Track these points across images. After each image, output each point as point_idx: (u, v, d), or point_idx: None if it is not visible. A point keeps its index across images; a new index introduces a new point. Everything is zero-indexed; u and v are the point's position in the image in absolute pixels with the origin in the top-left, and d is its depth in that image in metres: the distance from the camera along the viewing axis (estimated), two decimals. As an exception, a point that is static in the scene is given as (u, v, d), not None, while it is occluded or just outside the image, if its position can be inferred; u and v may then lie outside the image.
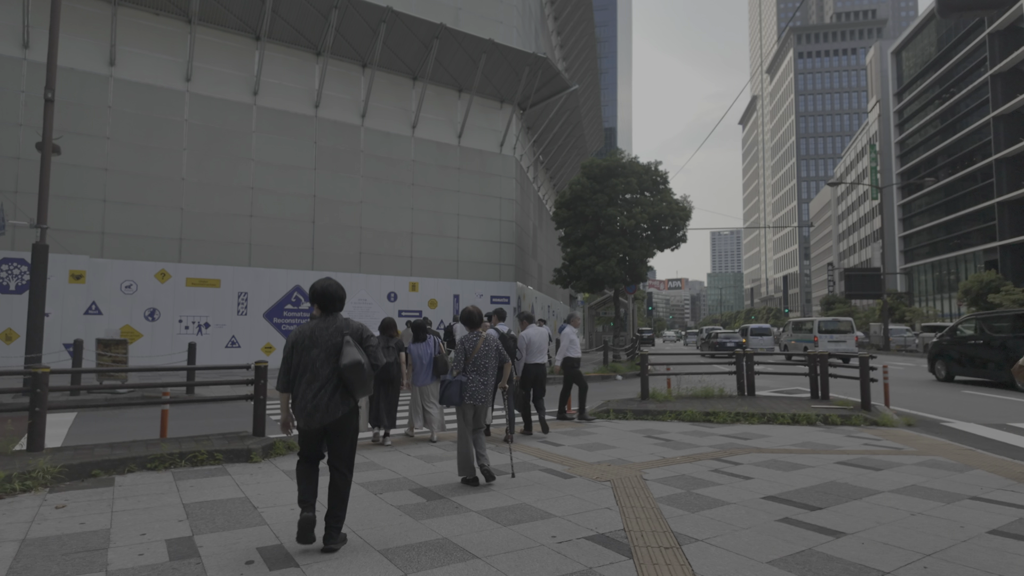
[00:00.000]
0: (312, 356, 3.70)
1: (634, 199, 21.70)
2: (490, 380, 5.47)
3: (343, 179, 20.74)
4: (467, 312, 5.69)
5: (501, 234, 23.85)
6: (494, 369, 5.55)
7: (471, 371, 5.42)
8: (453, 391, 5.32)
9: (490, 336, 5.59)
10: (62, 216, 16.55)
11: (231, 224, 18.87)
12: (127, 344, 12.90)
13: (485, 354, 5.48)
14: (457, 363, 5.48)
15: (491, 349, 5.53)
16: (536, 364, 8.29)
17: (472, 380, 5.39)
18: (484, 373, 5.44)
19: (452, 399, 5.31)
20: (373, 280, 20.85)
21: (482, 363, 5.45)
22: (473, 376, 5.40)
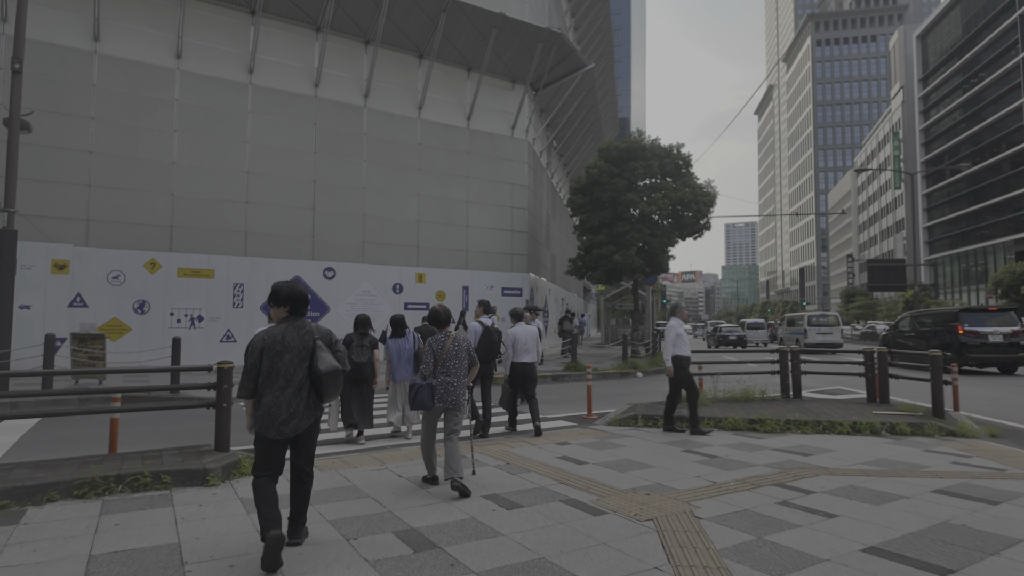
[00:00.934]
0: (285, 362, 3.57)
1: (654, 184, 20.30)
2: (461, 381, 5.25)
3: (345, 163, 19.55)
4: (434, 311, 5.44)
5: (513, 222, 22.56)
6: (464, 370, 5.30)
7: (440, 373, 5.20)
8: (424, 396, 5.13)
9: (459, 336, 5.38)
10: (43, 202, 15.49)
11: (226, 211, 17.75)
12: (104, 339, 11.81)
13: (455, 354, 5.26)
14: (426, 365, 5.23)
15: (460, 349, 5.31)
16: (524, 363, 7.89)
17: (442, 382, 5.17)
18: (454, 374, 5.21)
19: (424, 403, 5.11)
20: (377, 271, 19.68)
21: (451, 364, 5.23)
22: (442, 378, 5.18)
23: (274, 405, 3.52)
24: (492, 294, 21.48)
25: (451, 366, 5.23)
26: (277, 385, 3.55)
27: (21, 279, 15.01)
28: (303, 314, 3.76)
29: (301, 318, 3.74)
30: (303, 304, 3.73)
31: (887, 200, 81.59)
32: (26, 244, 15.09)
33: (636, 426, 8.29)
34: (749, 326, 34.56)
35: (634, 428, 8.18)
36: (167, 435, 8.23)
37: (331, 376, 3.55)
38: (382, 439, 7.82)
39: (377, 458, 6.40)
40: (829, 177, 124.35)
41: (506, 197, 22.46)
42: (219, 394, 5.99)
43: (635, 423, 8.35)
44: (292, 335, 3.63)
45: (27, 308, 15.09)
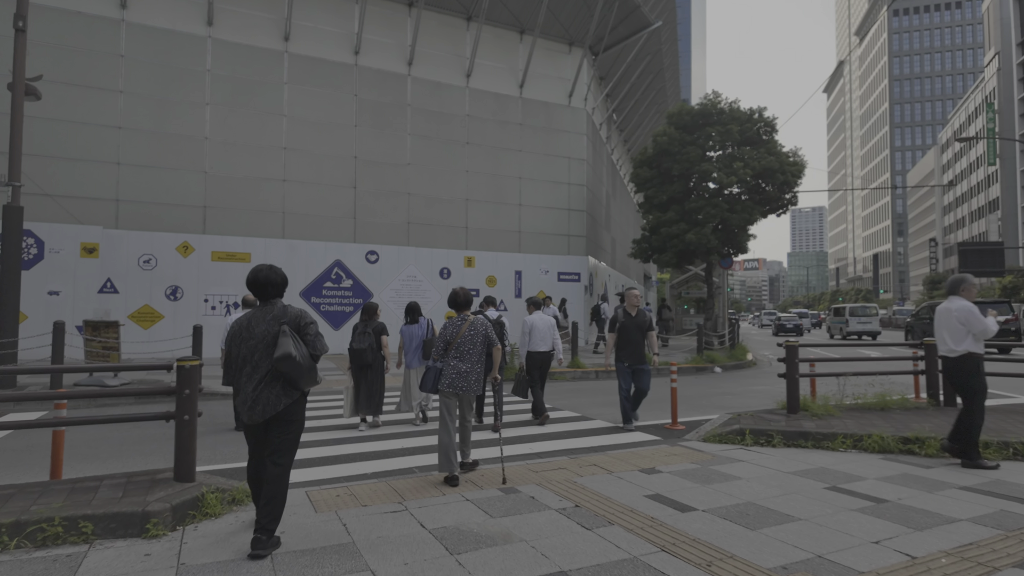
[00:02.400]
0: (250, 348, 3.50)
1: (732, 153, 17.88)
2: (474, 368, 4.99)
3: (388, 137, 18.01)
4: (453, 294, 5.21)
5: (570, 200, 20.56)
6: (480, 356, 5.03)
7: (452, 357, 4.99)
8: (428, 377, 4.97)
9: (478, 321, 5.09)
10: (71, 182, 14.60)
11: (262, 190, 16.52)
12: (119, 327, 10.62)
13: (469, 339, 5.01)
14: (437, 348, 5.05)
15: (477, 335, 5.04)
16: (540, 352, 7.92)
17: (451, 367, 4.95)
18: (466, 360, 4.98)
19: (426, 385, 4.97)
20: (423, 254, 18.12)
21: (465, 349, 4.99)
22: (454, 363, 4.96)
23: (243, 391, 3.50)
24: (547, 280, 19.62)
25: (465, 351, 4.97)
26: (245, 372, 3.51)
27: (50, 263, 14.19)
28: (269, 298, 3.61)
29: (273, 303, 3.61)
30: (265, 289, 3.59)
31: (978, 178, 74.77)
32: (54, 227, 14.25)
33: (743, 444, 6.27)
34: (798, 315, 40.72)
35: (741, 447, 6.17)
36: (158, 441, 6.78)
37: (282, 362, 3.37)
38: (396, 424, 6.98)
39: (397, 490, 4.68)
40: (907, 157, 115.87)
41: (562, 173, 20.46)
42: (180, 402, 4.39)
43: (741, 440, 6.34)
44: (258, 321, 3.55)
45: (56, 294, 14.26)
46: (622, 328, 7.36)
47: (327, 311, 16.88)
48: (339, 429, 7.49)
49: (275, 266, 3.68)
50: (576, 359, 14.18)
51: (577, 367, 13.96)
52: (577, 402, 9.75)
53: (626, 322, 7.37)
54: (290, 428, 3.54)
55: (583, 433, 7.21)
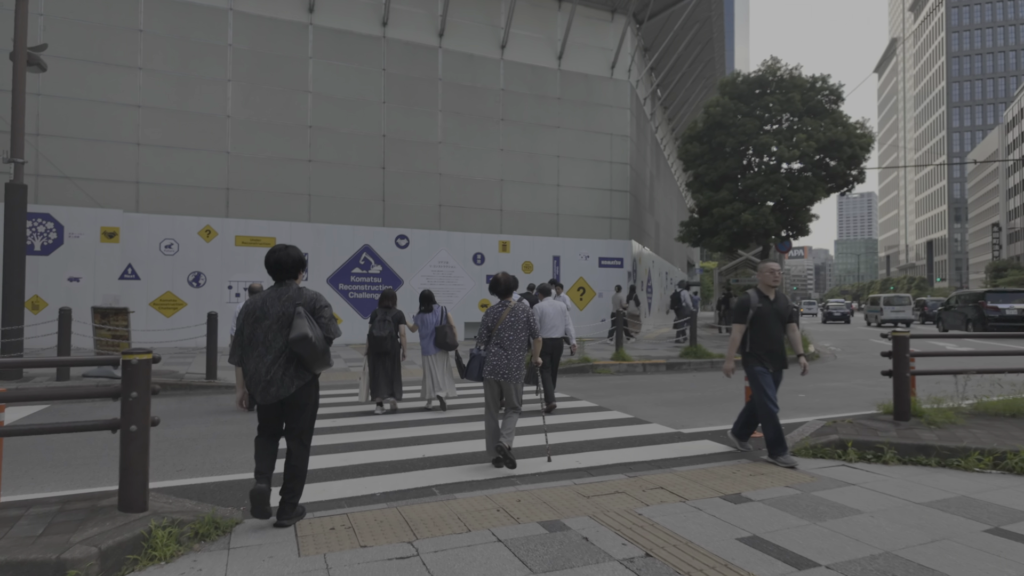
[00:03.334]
0: (264, 328, 3.49)
1: (794, 125, 16.27)
2: (516, 355, 4.92)
3: (418, 114, 16.98)
4: (494, 279, 5.13)
5: (612, 180, 19.21)
6: (522, 343, 4.96)
7: (494, 344, 4.94)
8: (473, 366, 4.98)
9: (519, 307, 5.02)
10: (90, 163, 14.02)
11: (287, 171, 15.71)
12: (128, 314, 9.89)
13: (511, 326, 4.93)
14: (480, 336, 5.06)
15: (518, 321, 4.96)
16: (550, 338, 7.61)
17: (494, 354, 4.92)
18: (508, 346, 4.91)
19: (472, 374, 4.98)
20: (456, 239, 17.08)
21: (506, 336, 4.92)
22: (496, 350, 4.92)
23: (255, 371, 3.50)
24: (587, 265, 18.38)
25: (506, 338, 4.95)
26: (257, 352, 3.50)
27: (70, 248, 13.65)
28: (285, 279, 3.59)
29: (288, 285, 3.58)
30: (280, 271, 3.57)
31: (1048, 158, 69.85)
32: (74, 210, 13.70)
33: (846, 459, 5.01)
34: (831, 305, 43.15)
35: (844, 464, 4.91)
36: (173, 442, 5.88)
37: (298, 343, 3.35)
38: (412, 412, 6.30)
39: (408, 521, 3.62)
40: (965, 138, 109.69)
41: (604, 150, 19.12)
42: (125, 409, 3.39)
43: (842, 454, 5.08)
44: (273, 301, 3.53)
45: (76, 280, 13.72)
46: (759, 317, 5.06)
47: (355, 298, 16.03)
48: (354, 431, 6.50)
49: (291, 246, 3.64)
50: (621, 351, 12.96)
51: (622, 359, 12.75)
52: (626, 401, 8.57)
53: (764, 309, 5.07)
54: (305, 411, 3.59)
55: (638, 440, 6.04)
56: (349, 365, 12.14)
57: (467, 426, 6.75)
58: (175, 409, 8.05)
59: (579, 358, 12.71)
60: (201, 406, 8.32)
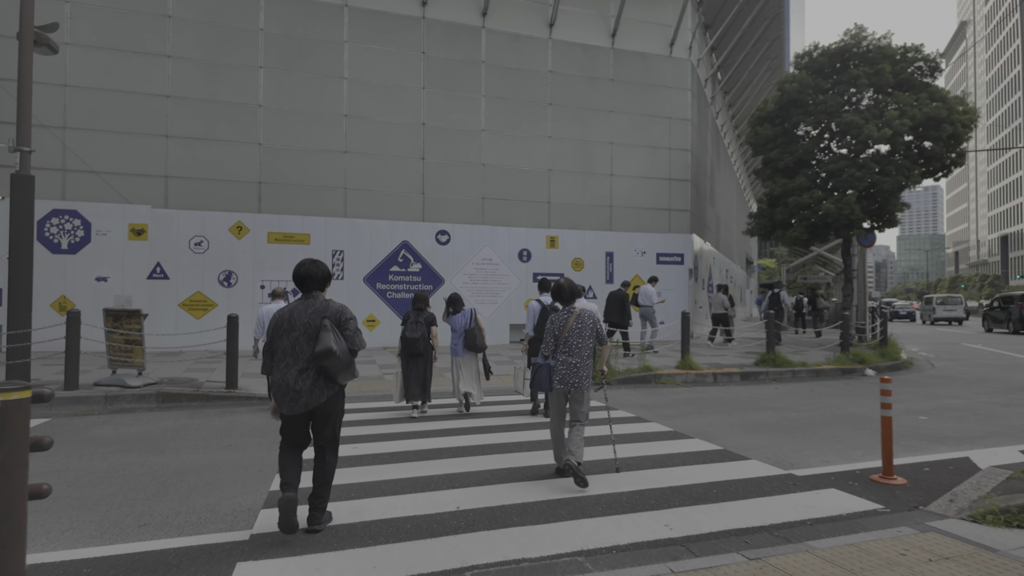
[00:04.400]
0: (292, 339, 3.56)
1: (883, 100, 14.32)
2: (584, 362, 4.72)
3: (459, 100, 15.78)
4: (557, 286, 4.98)
5: (671, 168, 17.58)
6: (590, 350, 4.77)
7: (562, 352, 4.75)
8: (542, 376, 4.77)
9: (584, 313, 4.80)
10: (117, 156, 13.35)
11: (321, 163, 14.76)
12: (141, 317, 8.97)
13: (578, 333, 4.75)
14: (546, 344, 4.83)
15: (585, 328, 4.76)
16: None
17: (562, 363, 4.73)
18: (576, 354, 4.72)
19: (542, 385, 4.77)
20: (500, 234, 15.81)
21: (574, 343, 4.73)
22: (563, 358, 4.73)
23: (282, 381, 3.54)
24: (643, 262, 16.83)
25: (574, 345, 4.73)
26: (285, 363, 3.55)
27: (97, 247, 13.02)
28: (311, 291, 3.68)
29: (315, 297, 3.67)
30: (307, 283, 3.68)
31: None
32: (101, 206, 13.05)
33: (1065, 536, 3.45)
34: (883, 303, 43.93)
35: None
36: (217, 471, 4.80)
37: (322, 356, 3.43)
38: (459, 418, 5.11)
39: None
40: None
41: (662, 136, 17.51)
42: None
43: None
44: (300, 313, 3.59)
45: (104, 280, 13.09)
46: None
47: (393, 299, 14.95)
48: (391, 438, 5.28)
49: (318, 260, 3.77)
50: (687, 358, 11.44)
51: (689, 368, 11.22)
52: (706, 424, 7.09)
53: None
54: (331, 421, 3.66)
55: (740, 488, 4.59)
56: (384, 372, 11.01)
57: (502, 436, 5.45)
58: (181, 427, 7.02)
59: (640, 366, 11.25)
60: (211, 422, 7.28)
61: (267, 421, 7.33)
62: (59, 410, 8.13)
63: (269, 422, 7.28)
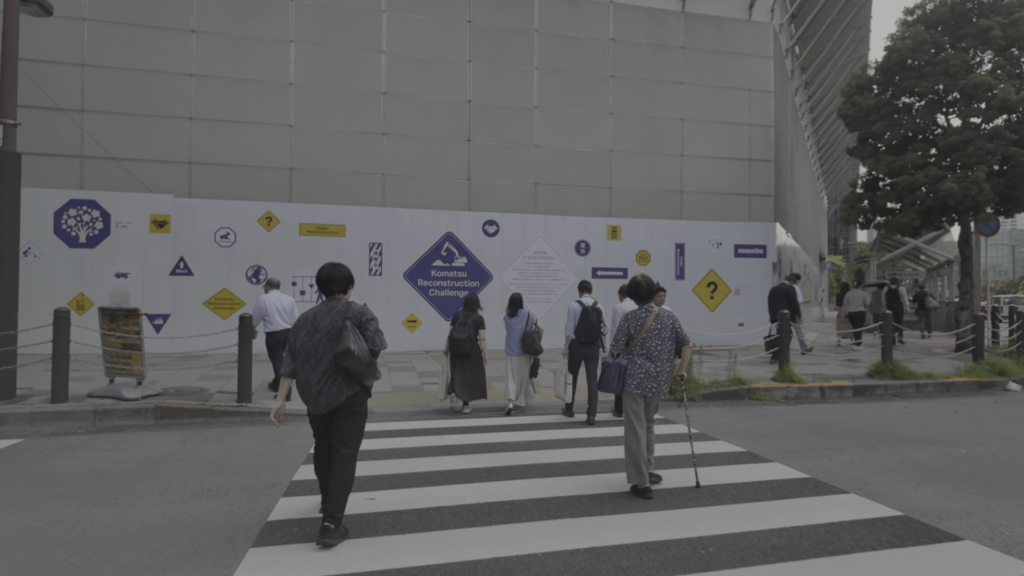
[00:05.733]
0: (315, 341, 3.60)
1: (1018, 57, 11.88)
2: (664, 367, 4.40)
3: (509, 74, 14.11)
4: (634, 283, 4.61)
5: (751, 148, 15.43)
6: (669, 353, 4.46)
7: (638, 354, 4.43)
8: (611, 376, 4.42)
9: (663, 313, 4.50)
10: (138, 141, 12.27)
11: (357, 146, 13.36)
12: (139, 316, 7.66)
13: (657, 334, 4.42)
14: (616, 343, 4.52)
15: (665, 328, 4.46)
16: None
17: (637, 365, 4.40)
18: (655, 358, 4.40)
19: (610, 385, 4.43)
20: (554, 224, 14.05)
21: (652, 345, 4.40)
22: (640, 360, 4.41)
23: (306, 382, 3.60)
24: (720, 255, 14.77)
25: (652, 347, 4.41)
26: (308, 364, 3.60)
27: (117, 240, 11.95)
28: (334, 294, 3.73)
29: (337, 299, 3.71)
30: (328, 286, 3.73)
31: None
32: (121, 196, 11.98)
33: None
34: None
35: None
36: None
37: (341, 356, 3.47)
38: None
39: None
40: None
41: (741, 110, 15.39)
42: None
43: None
44: (323, 315, 3.64)
45: (124, 276, 12.02)
46: None
47: (436, 296, 13.41)
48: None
49: (340, 264, 3.79)
50: (787, 369, 9.43)
51: (790, 381, 9.22)
52: (849, 466, 5.16)
53: None
54: (354, 419, 3.65)
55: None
56: (424, 381, 9.42)
57: (555, 454, 3.72)
58: (166, 455, 5.60)
59: (729, 378, 9.32)
60: (205, 448, 5.83)
61: (272, 448, 5.83)
62: (40, 427, 6.88)
63: (273, 450, 5.78)
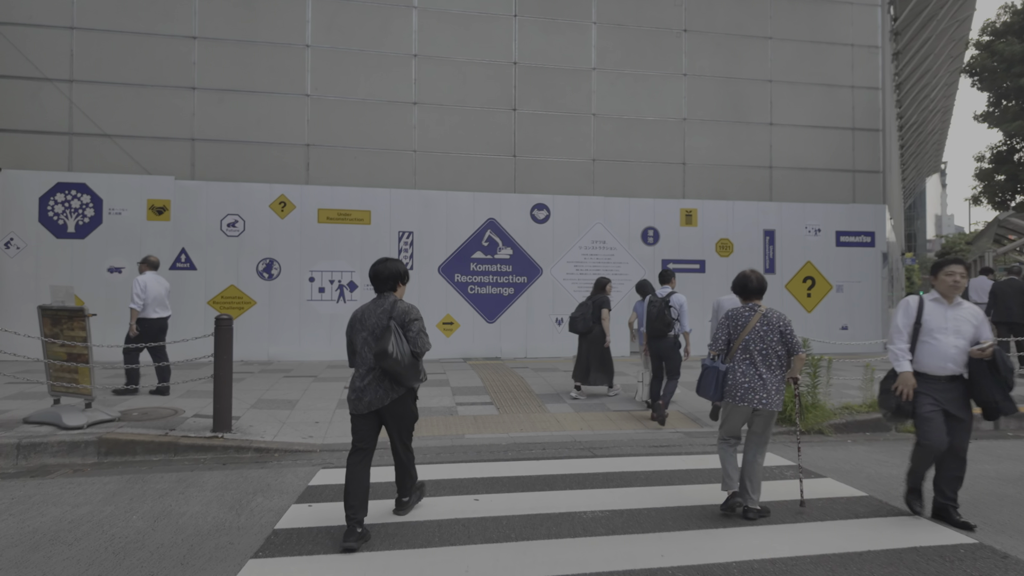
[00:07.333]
0: (362, 339, 3.59)
1: None
2: (773, 375, 3.89)
3: (562, 30, 11.96)
4: (743, 278, 4.11)
5: (855, 115, 12.82)
6: (780, 359, 3.92)
7: (741, 359, 3.93)
8: (708, 381, 3.98)
9: (772, 314, 3.97)
10: (134, 116, 10.66)
11: (385, 118, 11.46)
12: (85, 317, 5.84)
13: (762, 337, 3.92)
14: (715, 341, 4.09)
15: (772, 331, 3.92)
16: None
17: (742, 372, 3.90)
18: (761, 363, 3.88)
19: (707, 391, 3.98)
20: (615, 207, 11.81)
21: (756, 349, 3.91)
22: (744, 367, 3.91)
23: (353, 379, 3.61)
24: (818, 243, 12.25)
25: (756, 352, 3.91)
26: (356, 361, 3.61)
27: (110, 229, 10.36)
28: (384, 291, 3.68)
29: (386, 296, 3.66)
30: (383, 281, 3.67)
31: None
32: (115, 178, 10.41)
33: None
34: None
35: None
36: None
37: (379, 357, 3.41)
38: None
39: None
40: None
41: (841, 70, 12.81)
42: None
43: None
44: (371, 313, 3.61)
45: (118, 271, 10.42)
46: None
47: (476, 294, 11.37)
48: None
49: (392, 259, 3.72)
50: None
51: None
52: None
53: None
54: (402, 421, 3.65)
55: None
56: (458, 402, 7.34)
57: None
58: (69, 523, 3.73)
59: (867, 401, 6.95)
60: (129, 515, 3.90)
61: (225, 517, 3.83)
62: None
63: (224, 521, 3.79)
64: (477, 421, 6.54)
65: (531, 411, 6.97)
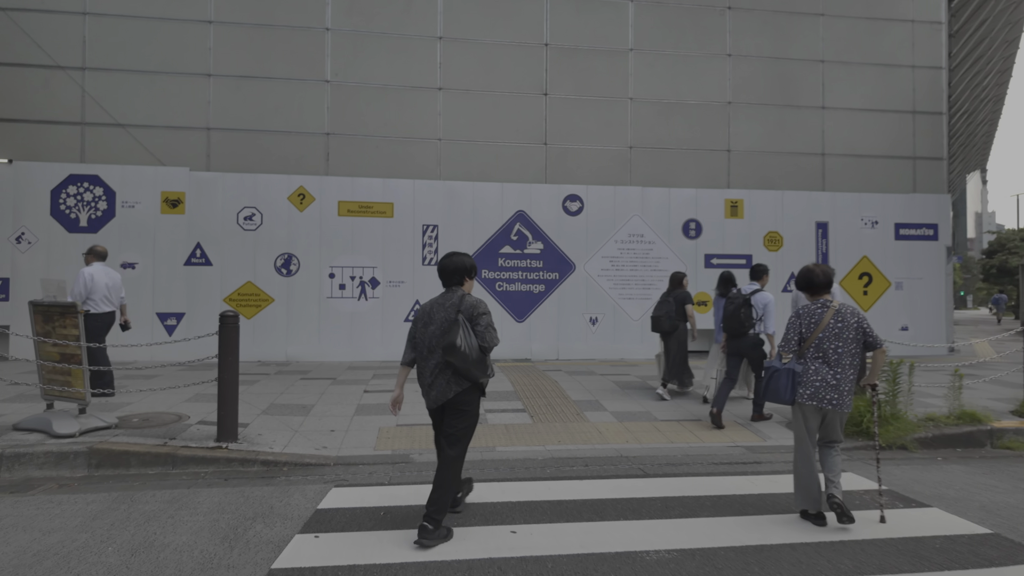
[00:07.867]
0: (430, 333, 3.52)
1: None
2: (847, 374, 3.66)
3: (597, 9, 11.21)
4: (808, 272, 3.90)
5: (916, 97, 11.83)
6: (855, 357, 3.68)
7: (813, 357, 3.73)
8: (780, 383, 3.78)
9: (846, 310, 3.75)
10: (148, 104, 10.22)
11: (408, 104, 10.84)
12: (77, 314, 5.29)
13: (837, 334, 3.69)
14: (787, 343, 3.83)
15: (847, 328, 3.68)
16: None
17: (815, 371, 3.70)
18: (835, 363, 3.67)
19: (779, 394, 3.78)
20: (654, 198, 11.01)
21: (830, 347, 3.68)
22: (816, 365, 3.71)
23: (421, 373, 3.57)
24: (875, 237, 11.30)
25: (830, 350, 3.68)
26: (423, 355, 3.56)
27: (123, 223, 9.91)
28: (451, 285, 3.61)
29: (453, 291, 3.59)
30: (449, 276, 3.61)
31: None
32: (128, 170, 9.96)
33: None
34: None
35: None
36: None
37: (447, 351, 3.35)
38: None
39: None
40: None
41: (901, 48, 11.83)
42: None
43: None
44: (439, 308, 3.55)
45: (132, 267, 9.96)
46: None
47: (505, 291, 10.68)
48: None
49: (461, 253, 3.68)
50: None
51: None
52: None
53: None
54: (462, 417, 3.53)
55: None
56: (487, 409, 6.65)
57: None
58: (36, 553, 3.24)
59: (952, 412, 6.08)
60: (106, 545, 3.34)
61: (216, 551, 3.19)
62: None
63: (213, 556, 3.15)
64: (509, 431, 5.85)
65: (568, 420, 6.25)
